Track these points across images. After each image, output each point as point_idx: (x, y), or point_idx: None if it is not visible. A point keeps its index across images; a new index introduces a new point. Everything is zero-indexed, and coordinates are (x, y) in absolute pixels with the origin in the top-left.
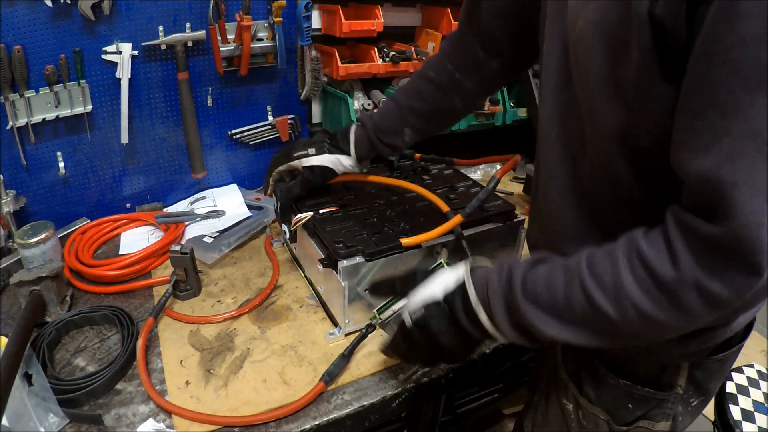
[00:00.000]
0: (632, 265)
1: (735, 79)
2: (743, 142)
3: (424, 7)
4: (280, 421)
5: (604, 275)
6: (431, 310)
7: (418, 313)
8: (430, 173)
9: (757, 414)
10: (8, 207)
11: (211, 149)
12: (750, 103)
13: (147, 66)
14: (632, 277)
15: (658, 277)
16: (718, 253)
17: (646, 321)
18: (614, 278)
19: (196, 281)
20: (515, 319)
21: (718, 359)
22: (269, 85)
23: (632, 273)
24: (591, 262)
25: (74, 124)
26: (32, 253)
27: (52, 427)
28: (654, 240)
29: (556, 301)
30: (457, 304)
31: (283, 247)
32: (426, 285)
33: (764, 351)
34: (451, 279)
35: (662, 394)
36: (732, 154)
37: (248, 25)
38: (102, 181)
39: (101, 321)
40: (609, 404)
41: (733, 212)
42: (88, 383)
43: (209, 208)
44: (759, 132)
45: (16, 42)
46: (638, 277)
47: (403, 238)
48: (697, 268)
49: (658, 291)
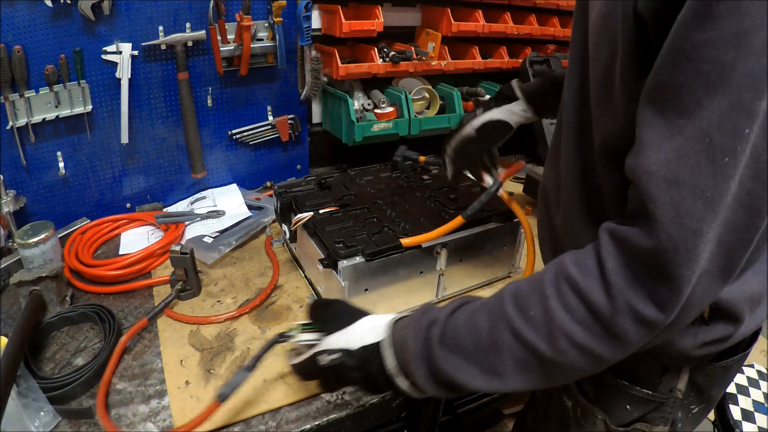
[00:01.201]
0: (561, 294)
1: (698, 79)
2: (693, 143)
3: (424, 7)
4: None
5: (532, 309)
6: (347, 361)
7: (335, 356)
8: (430, 173)
9: (757, 414)
10: (8, 207)
11: (211, 149)
12: (707, 105)
13: (147, 66)
14: (563, 307)
15: (590, 304)
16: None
17: (582, 353)
18: (543, 311)
19: (196, 281)
20: (439, 377)
21: (721, 366)
22: (269, 85)
23: (562, 302)
24: (516, 296)
25: (74, 124)
26: (32, 253)
27: (44, 426)
28: (584, 264)
29: (481, 349)
30: (374, 366)
31: (283, 247)
32: (346, 330)
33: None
34: (369, 335)
35: (661, 397)
36: (680, 153)
37: (248, 25)
38: (102, 181)
39: (79, 319)
40: (607, 404)
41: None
42: (71, 380)
43: (209, 208)
44: (710, 134)
45: (16, 42)
46: (569, 306)
47: (403, 238)
48: (629, 290)
49: (592, 320)
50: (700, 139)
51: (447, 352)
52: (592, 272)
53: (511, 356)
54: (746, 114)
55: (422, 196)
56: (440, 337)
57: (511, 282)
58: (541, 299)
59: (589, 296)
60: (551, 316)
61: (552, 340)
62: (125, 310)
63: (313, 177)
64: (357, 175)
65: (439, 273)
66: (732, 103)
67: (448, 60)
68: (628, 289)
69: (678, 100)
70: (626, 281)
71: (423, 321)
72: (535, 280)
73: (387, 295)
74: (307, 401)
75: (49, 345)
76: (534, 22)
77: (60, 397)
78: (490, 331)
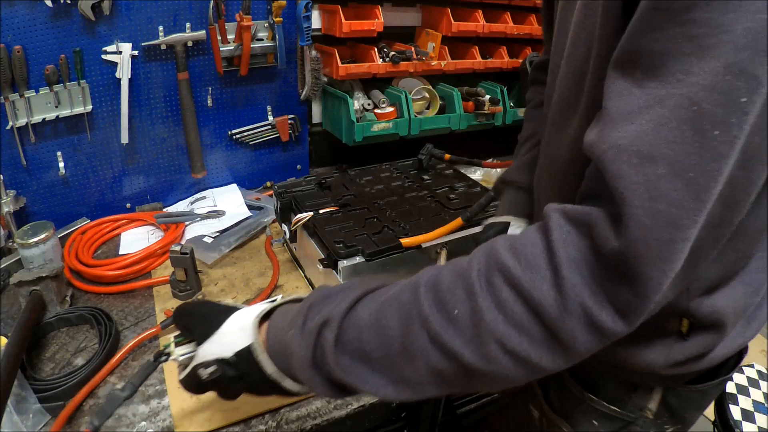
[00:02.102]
0: (493, 289)
1: (688, 44)
2: (677, 111)
3: (424, 7)
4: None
5: (456, 306)
6: (227, 372)
7: (212, 369)
8: (430, 173)
9: (757, 414)
10: (8, 207)
11: (211, 149)
12: (697, 70)
13: (147, 66)
14: (495, 306)
15: (532, 302)
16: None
17: (516, 361)
18: (470, 309)
19: (196, 281)
20: (339, 385)
21: (697, 389)
22: (269, 85)
23: (494, 300)
24: (436, 288)
25: (74, 124)
26: (32, 253)
27: (33, 425)
28: (524, 253)
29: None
30: (255, 374)
31: (283, 247)
32: (215, 336)
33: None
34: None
35: (629, 415)
36: (659, 123)
37: (248, 25)
38: (102, 181)
39: (77, 321)
40: (572, 417)
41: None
42: (63, 382)
43: (209, 208)
44: (698, 101)
45: (16, 42)
46: (503, 304)
47: (403, 238)
48: (585, 288)
49: (533, 322)
50: (685, 107)
51: (346, 359)
52: (536, 263)
53: (427, 364)
54: (743, 77)
55: (422, 196)
56: (336, 341)
57: (429, 268)
58: (467, 295)
59: (531, 292)
60: (480, 316)
61: (480, 346)
62: (125, 310)
63: (313, 177)
64: (357, 175)
65: None
66: (727, 63)
67: (448, 60)
68: (584, 286)
69: (661, 68)
70: (582, 276)
71: (312, 322)
72: (460, 269)
73: None
74: (307, 401)
75: (49, 345)
76: (534, 22)
77: (53, 398)
78: (402, 332)
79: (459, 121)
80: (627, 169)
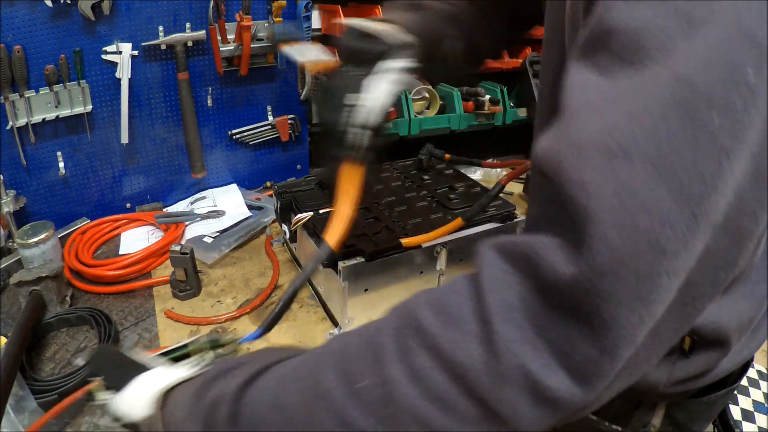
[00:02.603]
0: (407, 354)
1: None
2: (660, 92)
3: None
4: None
5: (362, 378)
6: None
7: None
8: (430, 173)
9: (757, 414)
10: (8, 207)
11: (211, 149)
12: (686, 46)
13: (147, 66)
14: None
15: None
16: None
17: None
18: (379, 381)
19: (196, 281)
20: None
21: (704, 401)
22: (269, 85)
23: (408, 368)
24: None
25: (74, 124)
26: (32, 253)
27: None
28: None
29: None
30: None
31: (283, 247)
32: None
33: (764, 351)
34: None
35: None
36: (636, 110)
37: (248, 25)
38: (102, 181)
39: (77, 322)
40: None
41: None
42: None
43: (209, 208)
44: (690, 78)
45: (16, 42)
46: (419, 373)
47: (403, 238)
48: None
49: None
50: (672, 88)
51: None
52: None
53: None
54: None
55: (422, 196)
56: (228, 420)
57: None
58: (375, 362)
59: (453, 355)
60: (391, 390)
61: (396, 428)
62: (125, 310)
63: (313, 177)
64: None
65: (440, 273)
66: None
67: None
68: (524, 342)
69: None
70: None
71: (204, 400)
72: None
73: (387, 295)
74: None
75: (49, 345)
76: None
77: (53, 398)
78: (304, 413)
79: (459, 121)
80: (590, 172)
